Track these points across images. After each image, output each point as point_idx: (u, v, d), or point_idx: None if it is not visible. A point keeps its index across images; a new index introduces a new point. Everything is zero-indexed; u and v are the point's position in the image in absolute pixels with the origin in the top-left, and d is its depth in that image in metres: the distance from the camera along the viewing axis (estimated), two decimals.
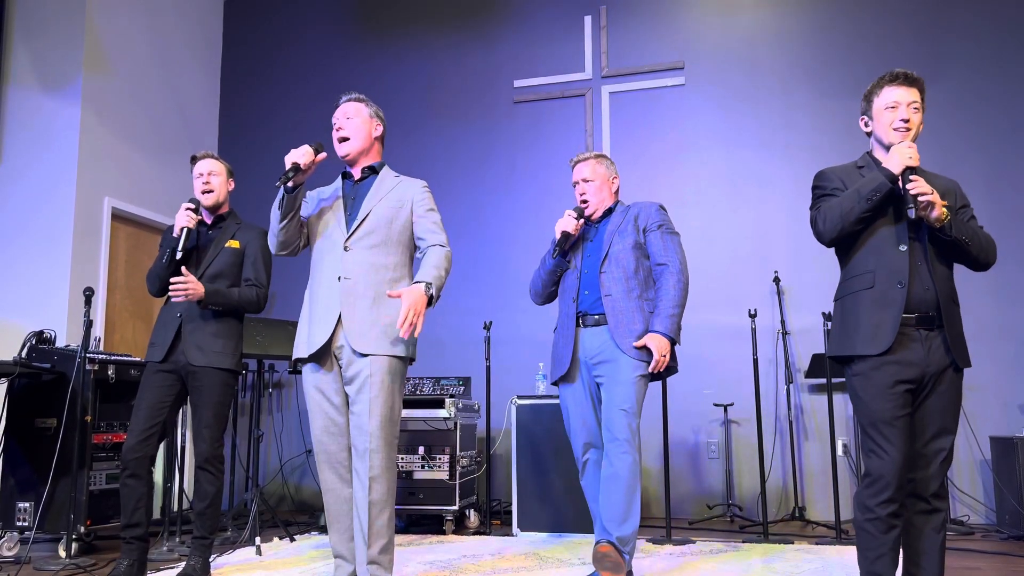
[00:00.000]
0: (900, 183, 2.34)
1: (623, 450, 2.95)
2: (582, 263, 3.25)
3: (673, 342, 3.04)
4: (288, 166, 2.89)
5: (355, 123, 3.00)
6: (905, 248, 2.38)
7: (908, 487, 2.40)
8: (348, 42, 6.50)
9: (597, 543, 2.93)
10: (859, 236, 2.47)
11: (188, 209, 3.28)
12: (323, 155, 2.97)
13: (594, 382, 3.15)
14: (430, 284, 2.81)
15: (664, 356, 3.00)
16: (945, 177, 2.51)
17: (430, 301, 2.81)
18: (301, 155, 2.90)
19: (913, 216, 2.29)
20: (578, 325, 3.18)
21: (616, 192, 3.35)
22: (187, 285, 3.18)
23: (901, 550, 2.42)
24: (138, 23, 5.83)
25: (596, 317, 3.14)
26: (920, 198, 2.28)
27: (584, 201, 3.27)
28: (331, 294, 2.90)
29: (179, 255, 3.23)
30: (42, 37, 5.36)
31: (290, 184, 2.89)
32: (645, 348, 3.02)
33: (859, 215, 2.43)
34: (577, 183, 3.33)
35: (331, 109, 3.17)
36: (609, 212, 3.30)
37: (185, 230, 3.25)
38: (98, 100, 5.40)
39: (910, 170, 2.32)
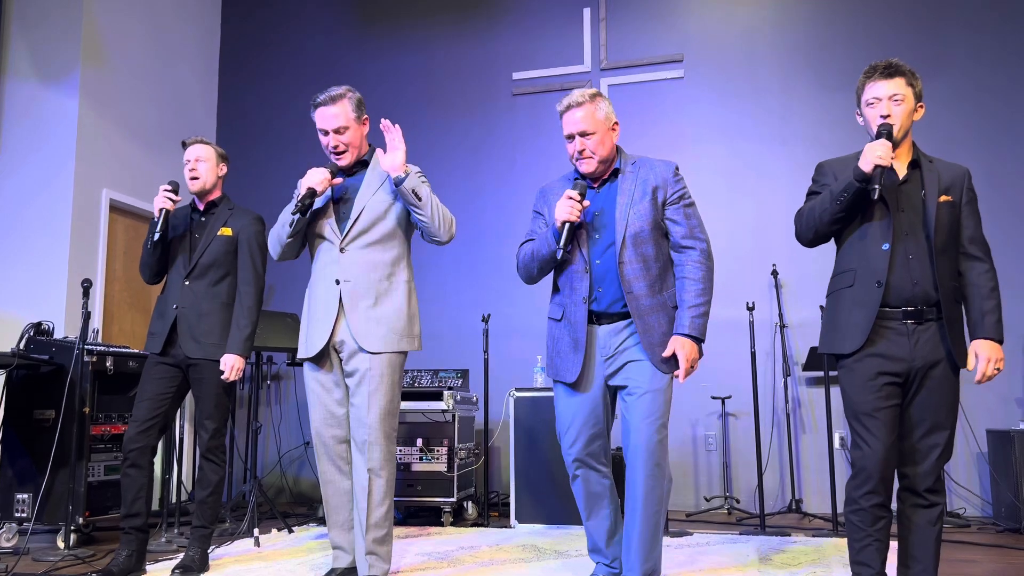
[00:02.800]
0: (871, 182, 2.31)
1: (649, 473, 2.56)
2: (590, 250, 2.69)
3: (700, 342, 2.64)
4: (303, 191, 2.85)
5: (348, 136, 2.94)
6: (887, 247, 2.37)
7: (903, 482, 2.41)
8: (346, 33, 6.48)
9: None
10: (845, 234, 2.48)
11: (166, 191, 3.24)
12: (339, 180, 2.95)
13: (607, 383, 2.71)
14: (409, 176, 2.84)
15: (694, 365, 2.62)
16: (956, 165, 2.47)
17: (404, 183, 2.83)
18: (318, 182, 2.87)
19: (875, 197, 2.30)
20: (591, 322, 2.69)
21: (616, 140, 2.74)
22: (232, 375, 3.20)
23: (897, 543, 2.43)
24: (135, 15, 5.81)
25: (614, 315, 2.67)
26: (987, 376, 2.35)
27: (583, 157, 2.69)
28: (330, 297, 2.91)
29: (157, 237, 3.22)
30: (39, 29, 5.35)
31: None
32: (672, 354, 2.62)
33: (832, 217, 2.44)
34: (572, 136, 2.68)
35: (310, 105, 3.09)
36: (615, 172, 2.73)
37: (164, 212, 3.23)
38: (96, 92, 5.38)
39: (881, 169, 2.30)
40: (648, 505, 2.58)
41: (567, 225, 2.62)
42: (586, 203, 2.65)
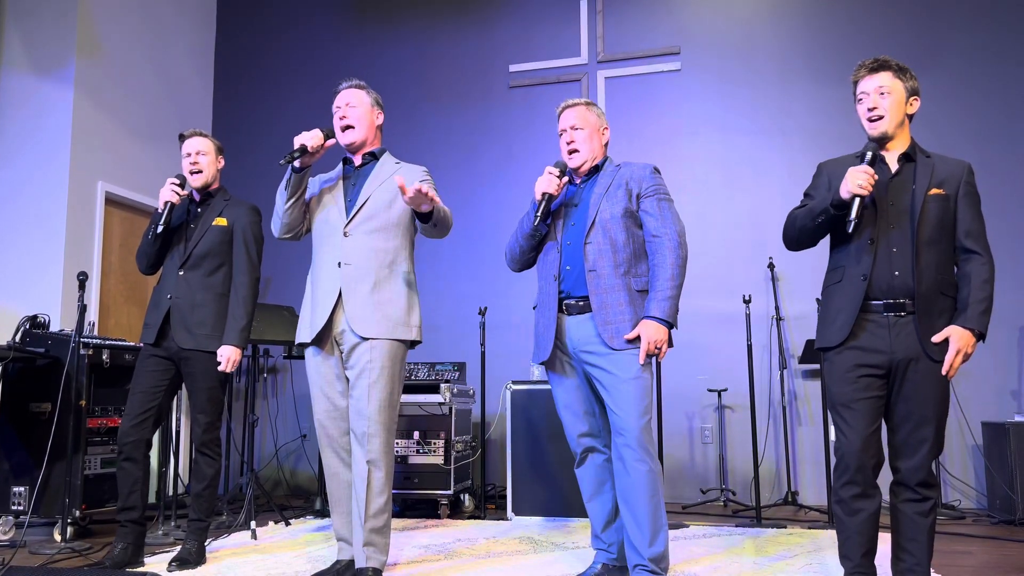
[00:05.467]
0: (851, 207, 2.34)
1: (637, 457, 2.62)
2: (563, 233, 2.85)
3: (670, 327, 2.69)
4: (296, 146, 2.89)
5: (358, 112, 3.01)
6: (872, 243, 2.39)
7: (895, 476, 2.41)
8: (343, 25, 6.46)
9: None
10: (836, 230, 2.50)
11: (173, 184, 3.26)
12: (332, 141, 2.98)
13: (588, 373, 2.80)
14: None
15: (658, 347, 2.65)
16: (957, 160, 2.45)
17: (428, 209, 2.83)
18: (311, 138, 2.91)
19: (850, 231, 2.34)
20: (562, 311, 2.82)
21: (606, 145, 2.95)
22: (229, 367, 3.21)
23: (891, 535, 2.44)
24: (131, 6, 5.78)
25: (580, 303, 2.77)
26: (951, 374, 2.33)
27: (572, 151, 2.88)
28: (331, 279, 2.91)
29: (160, 228, 3.23)
30: (34, 20, 5.32)
31: (297, 164, 2.90)
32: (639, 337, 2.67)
33: (811, 232, 2.50)
34: (564, 131, 2.91)
35: (326, 92, 3.17)
36: (596, 170, 2.91)
37: (169, 204, 3.24)
38: (91, 84, 5.36)
39: (861, 198, 2.32)
40: (641, 492, 2.62)
41: (546, 196, 2.79)
42: (565, 179, 2.83)
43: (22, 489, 3.97)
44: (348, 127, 3.00)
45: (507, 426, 4.58)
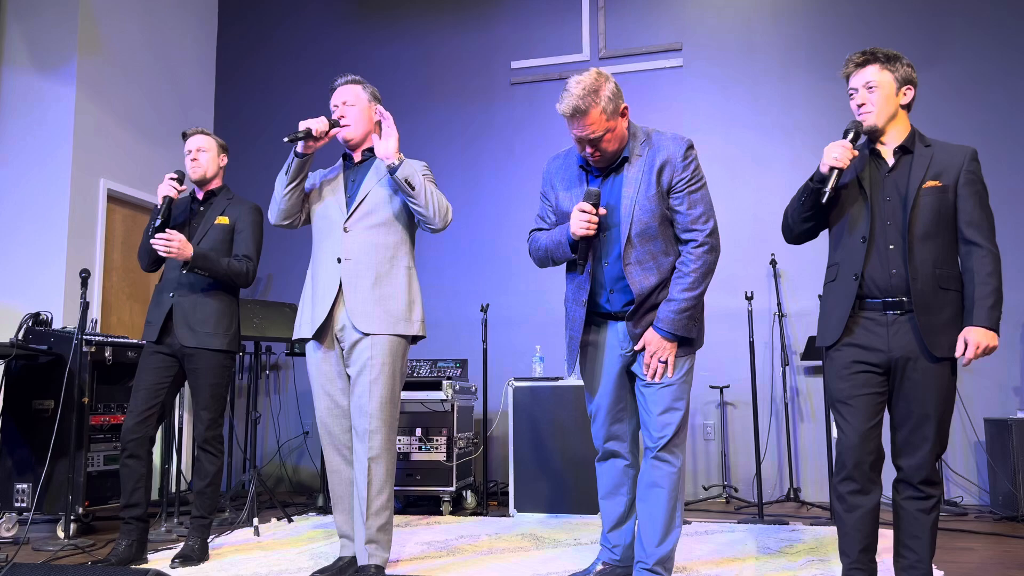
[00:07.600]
0: (826, 183, 2.37)
1: (662, 458, 2.59)
2: (598, 251, 2.62)
3: (679, 340, 2.57)
4: (301, 129, 2.90)
5: (356, 111, 3.01)
6: (864, 240, 2.38)
7: (899, 474, 2.41)
8: (345, 22, 6.45)
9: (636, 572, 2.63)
10: (833, 228, 2.51)
11: (171, 179, 3.26)
12: (337, 130, 2.99)
13: (627, 372, 2.70)
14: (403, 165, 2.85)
15: (662, 361, 2.55)
16: (959, 147, 2.40)
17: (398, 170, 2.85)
18: (316, 123, 2.92)
19: (824, 201, 2.37)
20: (608, 317, 2.67)
21: (626, 123, 2.59)
22: (172, 243, 3.12)
23: (893, 533, 2.44)
24: (132, 2, 5.78)
25: (626, 312, 2.63)
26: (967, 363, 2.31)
27: (597, 158, 2.56)
28: (331, 275, 2.92)
29: (158, 222, 3.23)
30: (36, 18, 5.32)
31: (300, 148, 2.91)
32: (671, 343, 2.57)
33: (801, 217, 2.50)
34: (582, 141, 2.54)
35: (327, 90, 3.16)
36: (624, 160, 2.60)
37: (167, 200, 3.24)
38: (93, 81, 5.36)
39: (839, 170, 2.35)
40: (660, 490, 2.60)
41: (584, 240, 2.53)
42: (602, 211, 2.54)
43: (25, 486, 3.98)
44: (346, 126, 3.00)
45: (509, 423, 4.58)
